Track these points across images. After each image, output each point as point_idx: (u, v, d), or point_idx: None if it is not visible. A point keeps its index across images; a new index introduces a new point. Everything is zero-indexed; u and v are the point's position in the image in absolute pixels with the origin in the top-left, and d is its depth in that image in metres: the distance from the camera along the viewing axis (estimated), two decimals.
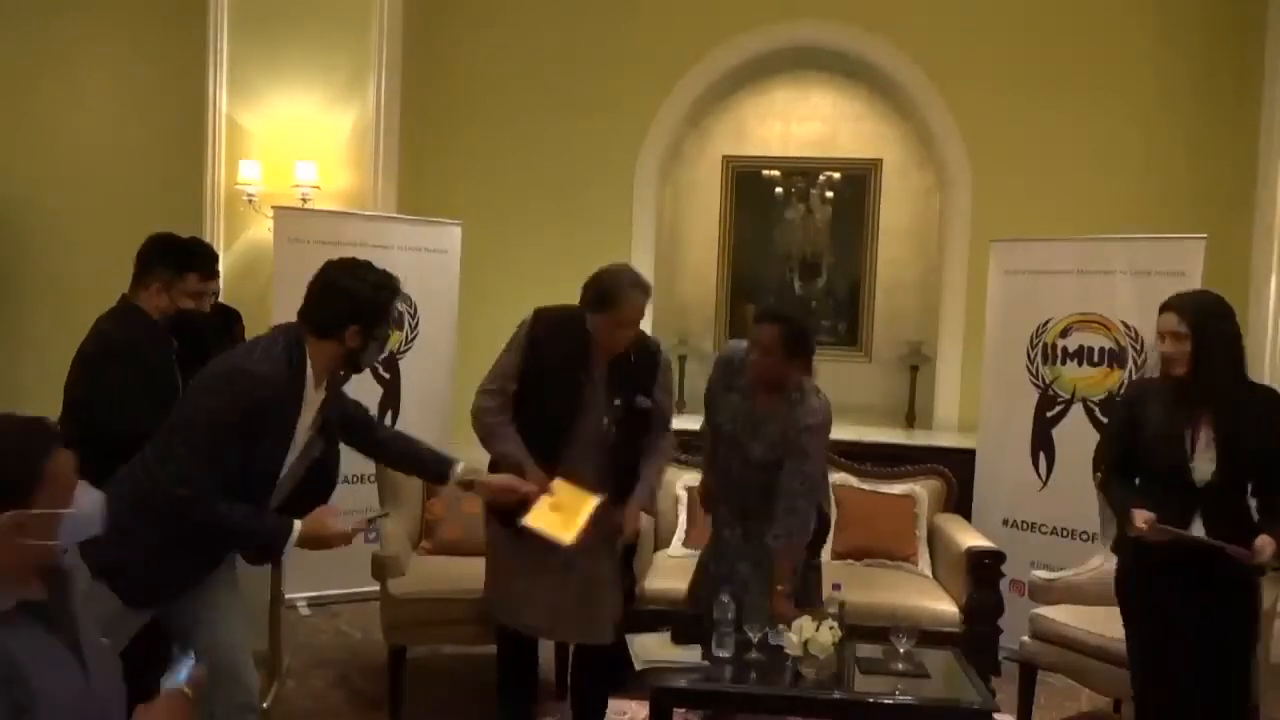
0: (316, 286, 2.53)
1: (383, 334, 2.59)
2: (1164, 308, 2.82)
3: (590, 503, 3.03)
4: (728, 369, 3.31)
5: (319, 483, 2.62)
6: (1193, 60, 5.27)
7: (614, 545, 3.27)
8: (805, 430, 3.12)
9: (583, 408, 3.11)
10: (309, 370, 2.47)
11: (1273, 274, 4.58)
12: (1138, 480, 2.91)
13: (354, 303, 2.48)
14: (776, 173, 6.19)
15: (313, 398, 2.49)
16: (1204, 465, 2.75)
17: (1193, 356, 2.73)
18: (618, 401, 3.12)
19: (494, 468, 3.18)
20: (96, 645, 1.74)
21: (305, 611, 4.76)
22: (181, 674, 1.72)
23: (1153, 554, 2.75)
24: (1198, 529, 2.74)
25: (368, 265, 2.56)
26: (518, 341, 3.19)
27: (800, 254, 6.22)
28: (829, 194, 6.17)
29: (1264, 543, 2.68)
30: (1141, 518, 2.73)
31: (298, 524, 2.43)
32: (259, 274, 5.04)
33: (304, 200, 5.03)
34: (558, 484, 3.04)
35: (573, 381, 3.10)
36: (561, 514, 2.99)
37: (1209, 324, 2.75)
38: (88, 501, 1.66)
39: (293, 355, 2.44)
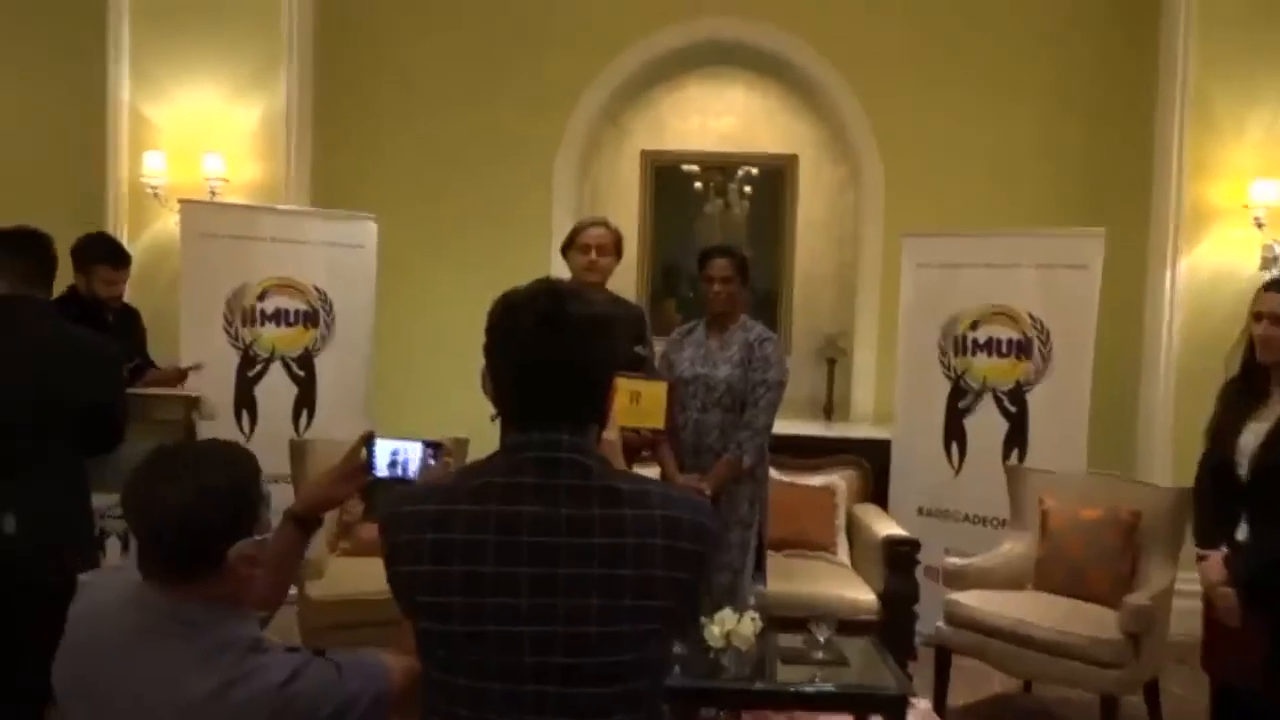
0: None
1: None
2: (1267, 285, 2.54)
3: (661, 388, 3.25)
4: (676, 339, 3.73)
5: None
6: (1093, 62, 5.46)
7: None
8: (766, 340, 3.64)
9: None
10: None
11: (1167, 267, 4.77)
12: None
13: None
14: (695, 168, 6.22)
15: None
16: (1246, 460, 2.43)
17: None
18: None
19: None
20: None
21: None
22: (413, 455, 1.69)
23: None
24: (1243, 533, 2.46)
25: None
26: None
27: None
28: (747, 189, 6.22)
29: (1208, 566, 2.42)
30: (1214, 572, 2.44)
31: None
32: (166, 270, 4.88)
33: (212, 194, 4.88)
34: (617, 382, 3.19)
35: None
36: (640, 406, 3.18)
37: None
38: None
39: None
